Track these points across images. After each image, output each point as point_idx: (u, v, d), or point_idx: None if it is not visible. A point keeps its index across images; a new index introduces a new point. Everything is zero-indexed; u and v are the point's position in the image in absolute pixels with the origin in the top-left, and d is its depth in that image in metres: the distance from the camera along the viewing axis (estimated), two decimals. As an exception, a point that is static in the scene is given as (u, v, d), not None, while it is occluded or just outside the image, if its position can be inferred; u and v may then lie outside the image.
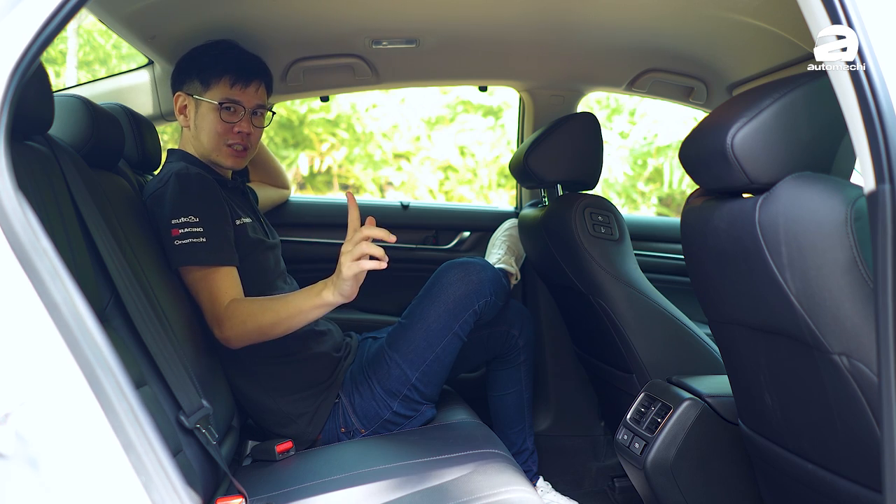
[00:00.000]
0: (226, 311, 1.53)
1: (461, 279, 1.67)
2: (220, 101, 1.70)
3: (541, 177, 1.91)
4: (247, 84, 1.72)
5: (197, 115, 1.72)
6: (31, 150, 1.22)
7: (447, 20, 1.89)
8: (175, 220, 1.55)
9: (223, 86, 1.70)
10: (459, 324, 1.66)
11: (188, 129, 1.75)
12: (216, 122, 1.71)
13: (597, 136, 1.93)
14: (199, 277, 1.56)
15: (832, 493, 1.14)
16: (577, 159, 1.92)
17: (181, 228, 1.54)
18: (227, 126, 1.71)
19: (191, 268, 1.56)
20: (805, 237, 0.99)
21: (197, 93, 1.71)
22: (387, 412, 1.68)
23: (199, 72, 1.71)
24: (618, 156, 7.34)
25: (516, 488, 1.29)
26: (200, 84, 1.71)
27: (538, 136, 1.92)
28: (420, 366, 1.66)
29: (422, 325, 1.67)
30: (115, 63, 7.74)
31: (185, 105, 1.74)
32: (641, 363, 1.76)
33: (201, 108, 1.72)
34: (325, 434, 1.70)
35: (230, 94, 1.71)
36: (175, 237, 1.54)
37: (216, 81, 1.70)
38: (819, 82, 1.06)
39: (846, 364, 1.00)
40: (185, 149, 1.77)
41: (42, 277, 0.82)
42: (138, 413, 0.82)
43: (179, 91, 1.74)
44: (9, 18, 0.85)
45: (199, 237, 1.54)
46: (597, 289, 1.77)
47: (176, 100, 1.75)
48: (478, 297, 1.66)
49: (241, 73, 1.72)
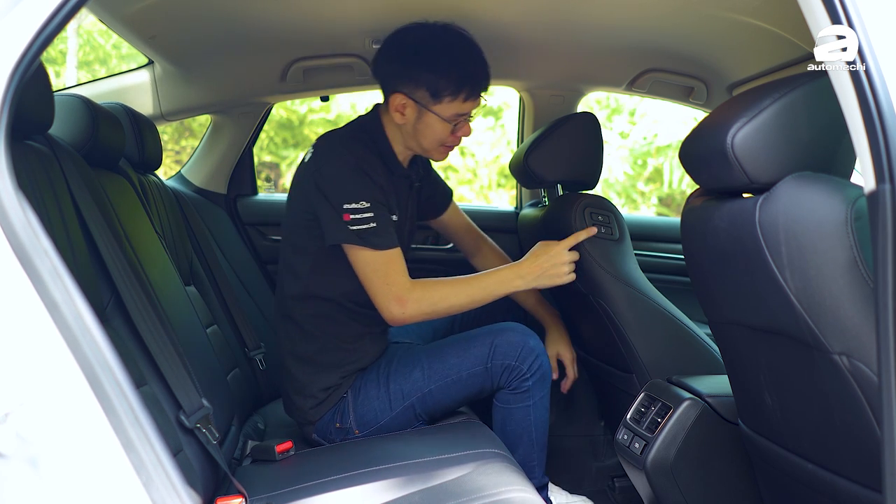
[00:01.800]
0: (411, 292, 1.63)
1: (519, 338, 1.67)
2: (454, 121, 1.67)
3: (541, 177, 1.91)
4: (479, 95, 1.68)
5: (419, 121, 1.67)
6: (32, 150, 1.22)
7: (447, 20, 1.89)
8: (347, 204, 1.60)
9: (457, 102, 1.65)
10: (493, 365, 1.67)
11: (403, 125, 1.70)
12: (443, 132, 1.68)
13: (597, 136, 1.93)
14: (371, 259, 1.62)
15: (832, 493, 1.14)
16: (577, 159, 1.92)
17: (353, 214, 1.59)
18: (452, 134, 1.70)
19: (361, 250, 1.61)
20: (805, 237, 0.99)
21: (425, 102, 1.64)
22: (385, 417, 1.69)
23: (430, 82, 1.62)
24: (618, 156, 7.35)
25: (516, 488, 1.29)
26: (430, 96, 1.64)
27: (538, 136, 1.92)
28: (440, 381, 1.68)
29: (463, 346, 1.69)
30: (115, 63, 7.74)
31: (403, 105, 1.66)
32: (641, 363, 1.76)
33: (427, 118, 1.66)
34: (320, 423, 1.71)
35: (462, 108, 1.66)
36: (347, 222, 1.60)
37: (449, 98, 1.64)
38: (819, 82, 1.06)
39: (846, 364, 1.00)
40: (389, 126, 1.72)
41: (42, 277, 0.82)
42: (138, 413, 0.82)
43: (401, 93, 1.66)
44: (9, 18, 0.86)
45: (369, 222, 1.60)
46: (597, 289, 1.77)
47: (394, 98, 1.66)
48: (515, 362, 1.66)
49: (476, 88, 1.66)
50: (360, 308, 1.72)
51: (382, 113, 1.75)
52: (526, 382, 1.67)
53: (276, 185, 7.95)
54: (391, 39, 1.70)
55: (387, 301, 1.63)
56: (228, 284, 2.17)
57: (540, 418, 1.71)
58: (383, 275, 1.63)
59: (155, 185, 1.97)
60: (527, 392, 1.68)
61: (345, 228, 1.60)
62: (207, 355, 1.62)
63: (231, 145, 2.53)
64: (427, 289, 1.65)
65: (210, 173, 2.54)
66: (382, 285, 1.63)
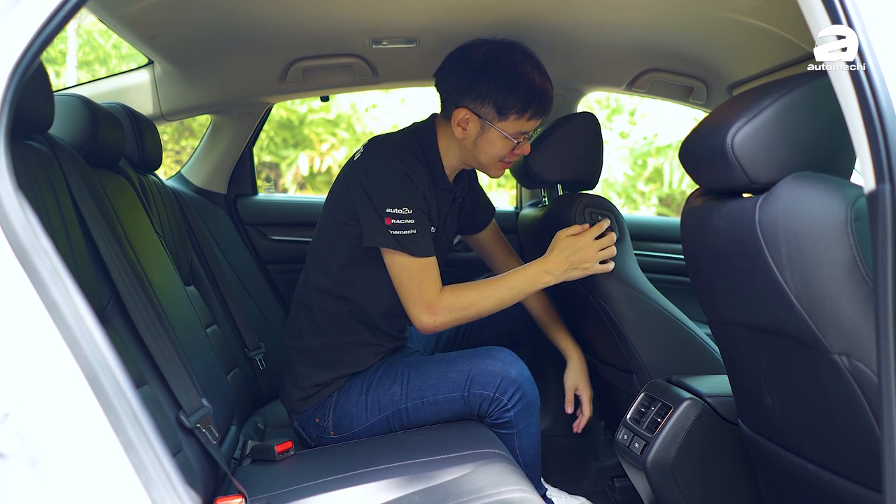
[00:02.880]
0: (440, 299, 1.63)
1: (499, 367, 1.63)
2: (517, 139, 1.68)
3: (541, 176, 1.91)
4: (543, 115, 1.69)
5: (481, 137, 1.68)
6: (32, 150, 1.22)
7: (447, 20, 1.89)
8: (390, 209, 1.60)
9: (522, 121, 1.66)
10: (469, 394, 1.63)
11: (462, 140, 1.70)
12: (504, 149, 1.69)
13: (597, 136, 1.92)
14: (408, 265, 1.63)
15: (832, 493, 1.14)
16: (578, 159, 1.92)
17: (394, 219, 1.60)
18: (512, 152, 1.71)
19: (399, 255, 1.62)
20: (805, 237, 0.99)
21: (490, 118, 1.65)
22: (360, 425, 1.68)
23: (497, 100, 1.63)
24: (618, 156, 7.34)
25: (516, 488, 1.29)
26: (496, 112, 1.64)
27: (538, 137, 1.92)
28: (416, 400, 1.66)
29: (443, 368, 1.66)
30: (115, 63, 7.74)
31: (467, 120, 1.67)
32: (641, 363, 1.76)
33: (490, 134, 1.67)
34: (304, 415, 1.73)
35: (526, 126, 1.68)
36: (388, 226, 1.60)
37: (515, 115, 1.65)
38: (819, 82, 1.06)
39: (846, 364, 1.00)
40: (445, 140, 1.73)
41: (42, 277, 0.82)
42: (138, 413, 0.82)
43: (465, 107, 1.66)
44: (9, 18, 0.86)
45: (410, 229, 1.61)
46: (597, 289, 1.77)
47: (457, 112, 1.66)
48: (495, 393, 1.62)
49: (542, 107, 1.67)
50: (376, 318, 1.73)
51: (439, 124, 1.75)
52: (507, 413, 1.63)
53: (276, 185, 7.95)
54: (457, 54, 1.70)
55: (418, 309, 1.63)
56: (228, 284, 2.17)
57: (527, 444, 1.68)
58: (417, 282, 1.63)
59: (155, 185, 1.97)
60: (509, 422, 1.64)
61: (385, 232, 1.61)
62: (207, 355, 1.62)
63: (231, 145, 2.53)
64: (457, 295, 1.64)
65: (210, 173, 2.55)
66: (415, 292, 1.63)
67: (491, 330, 1.98)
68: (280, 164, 8.22)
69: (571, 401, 1.90)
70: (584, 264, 1.66)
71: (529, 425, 1.67)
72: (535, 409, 1.67)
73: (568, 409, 1.90)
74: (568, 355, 1.93)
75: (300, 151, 8.02)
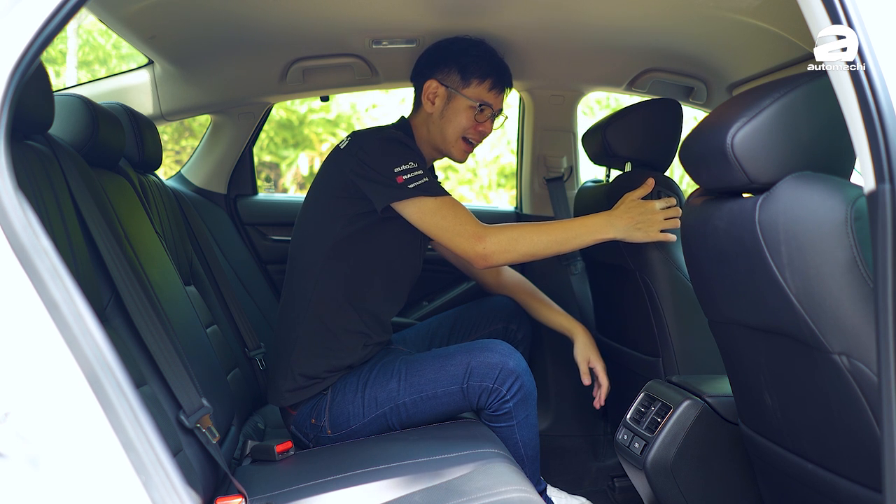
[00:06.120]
0: (484, 228, 1.68)
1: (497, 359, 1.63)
2: (479, 103, 1.79)
3: (614, 149, 1.90)
4: (502, 90, 1.85)
5: (447, 107, 1.81)
6: (32, 150, 1.22)
7: (447, 20, 1.89)
8: (397, 167, 1.66)
9: (483, 88, 1.81)
10: (469, 386, 1.63)
11: (431, 115, 1.83)
12: (468, 119, 1.80)
13: (677, 121, 1.91)
14: (437, 206, 1.68)
15: (832, 493, 1.14)
16: (654, 138, 1.90)
17: (405, 174, 1.66)
18: (475, 124, 1.82)
19: (424, 200, 1.66)
20: (805, 237, 0.99)
21: (454, 86, 1.80)
22: (357, 422, 1.68)
23: (461, 68, 1.80)
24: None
25: (516, 488, 1.29)
26: (460, 79, 1.80)
27: (620, 111, 1.92)
28: (414, 395, 1.65)
29: (441, 362, 1.66)
30: (115, 63, 7.74)
31: (435, 93, 1.81)
32: (672, 348, 1.75)
33: (455, 103, 1.81)
34: (299, 416, 1.72)
35: (487, 97, 1.81)
36: (403, 182, 1.65)
37: (477, 82, 1.80)
38: (819, 82, 1.06)
39: (846, 364, 1.00)
40: (418, 128, 1.85)
41: (42, 277, 0.82)
42: (138, 413, 0.82)
43: (433, 79, 1.82)
44: (9, 18, 0.86)
45: (423, 178, 1.67)
46: (647, 266, 1.76)
47: (428, 86, 1.82)
48: (494, 384, 1.63)
49: (501, 80, 1.83)
50: (368, 307, 1.74)
51: (412, 118, 1.88)
52: (507, 405, 1.63)
53: (276, 185, 7.95)
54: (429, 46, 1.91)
55: (465, 240, 1.66)
56: (228, 284, 2.17)
57: (527, 436, 1.68)
58: (453, 215, 1.67)
59: (155, 185, 1.97)
60: (508, 413, 1.64)
61: (402, 187, 1.65)
62: (207, 355, 1.62)
63: (231, 145, 2.53)
64: (505, 227, 1.69)
65: (210, 173, 2.55)
66: (457, 225, 1.67)
67: (486, 329, 1.96)
68: (280, 164, 8.22)
69: (587, 372, 1.90)
70: (648, 227, 1.67)
71: (528, 416, 1.67)
72: (532, 399, 1.67)
73: (585, 381, 1.89)
74: (573, 333, 1.93)
75: (300, 151, 8.02)
